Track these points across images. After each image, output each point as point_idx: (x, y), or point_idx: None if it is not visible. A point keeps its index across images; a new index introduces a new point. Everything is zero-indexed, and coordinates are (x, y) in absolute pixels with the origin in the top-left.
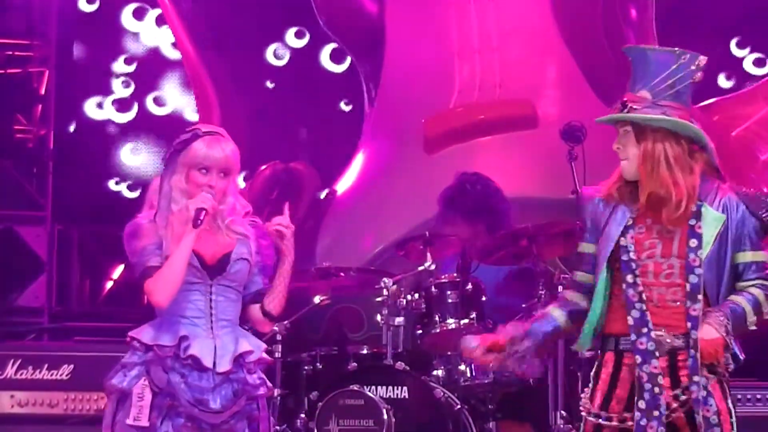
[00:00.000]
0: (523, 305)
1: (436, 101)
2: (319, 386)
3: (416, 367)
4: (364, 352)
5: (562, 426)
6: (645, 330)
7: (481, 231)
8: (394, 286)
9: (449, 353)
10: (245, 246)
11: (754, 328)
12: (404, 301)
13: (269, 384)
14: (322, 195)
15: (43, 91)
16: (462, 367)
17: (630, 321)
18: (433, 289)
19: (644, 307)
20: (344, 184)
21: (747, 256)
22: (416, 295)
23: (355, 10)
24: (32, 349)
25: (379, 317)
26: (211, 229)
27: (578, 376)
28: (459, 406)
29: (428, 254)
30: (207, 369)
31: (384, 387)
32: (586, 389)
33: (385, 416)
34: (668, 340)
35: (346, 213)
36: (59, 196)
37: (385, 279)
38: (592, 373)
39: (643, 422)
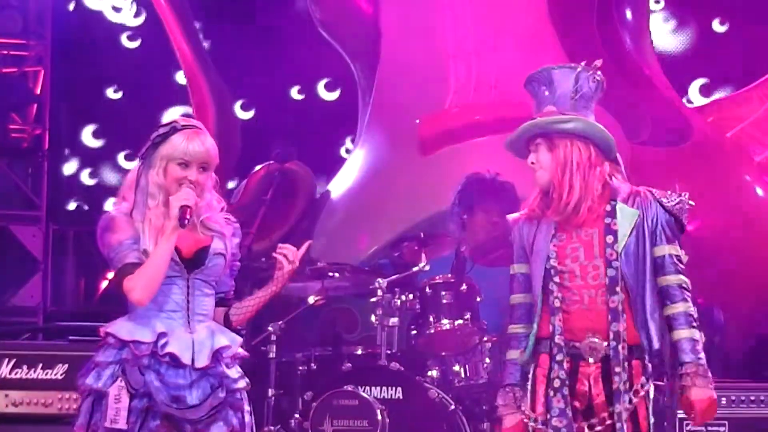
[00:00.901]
0: None
1: (431, 102)
2: (313, 386)
3: (411, 367)
4: (359, 352)
5: None
6: (554, 335)
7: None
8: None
9: (444, 354)
10: (221, 241)
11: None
12: (399, 301)
13: (247, 380)
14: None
15: (38, 91)
16: (456, 367)
17: (550, 328)
18: (427, 289)
19: (556, 312)
20: (339, 184)
21: (664, 249)
22: (411, 296)
23: (349, 9)
24: (27, 349)
25: (373, 318)
26: (188, 225)
27: None
28: (453, 407)
29: (423, 255)
30: (185, 366)
31: (378, 387)
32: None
33: (380, 417)
34: (602, 347)
35: (341, 213)
36: (54, 195)
37: (379, 279)
38: (530, 376)
39: (555, 422)
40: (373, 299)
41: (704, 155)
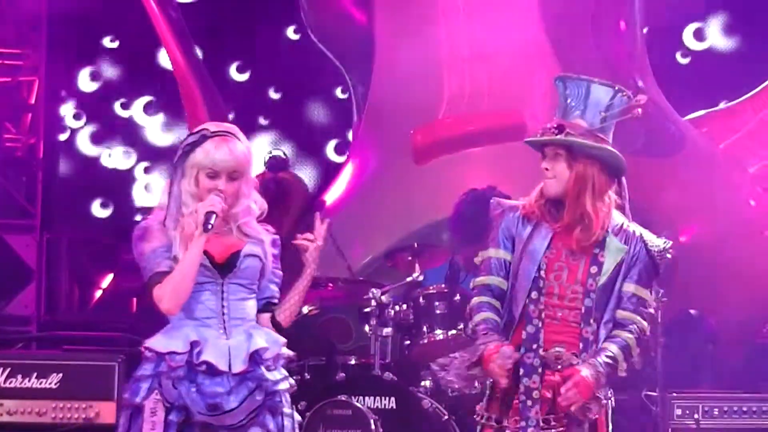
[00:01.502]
0: None
1: (425, 111)
2: (307, 396)
3: (404, 377)
4: (352, 362)
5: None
6: (535, 346)
7: None
8: (383, 297)
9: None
10: (258, 246)
11: (623, 374)
12: (392, 311)
13: (292, 381)
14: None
15: (32, 101)
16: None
17: (524, 335)
18: (421, 299)
19: (540, 324)
20: (333, 194)
21: (631, 288)
22: (404, 306)
23: (343, 18)
24: (21, 358)
25: (367, 328)
26: (222, 231)
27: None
28: (447, 417)
29: (416, 265)
30: (222, 373)
31: (372, 397)
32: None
33: (373, 427)
34: (565, 357)
35: (334, 223)
36: (48, 204)
37: (373, 290)
38: (489, 382)
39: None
40: (367, 309)
41: (698, 166)
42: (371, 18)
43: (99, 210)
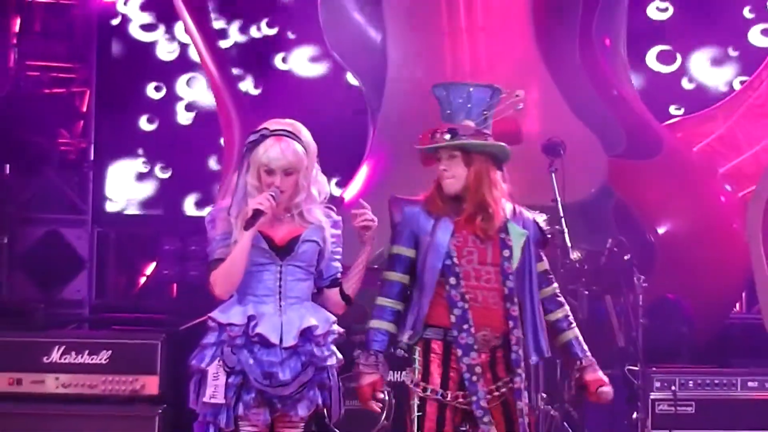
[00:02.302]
0: None
1: (431, 119)
2: None
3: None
4: None
5: (542, 406)
6: (466, 327)
7: None
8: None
9: None
10: (317, 232)
11: None
12: None
13: (339, 356)
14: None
15: (84, 109)
16: None
17: (452, 318)
18: None
19: (466, 306)
20: (351, 191)
21: (541, 267)
22: None
23: (360, 39)
24: (74, 337)
25: None
26: (285, 218)
27: (557, 363)
28: None
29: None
30: (273, 345)
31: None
32: (414, 372)
33: (387, 397)
34: (491, 339)
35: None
36: (98, 201)
37: None
38: (418, 358)
39: (483, 404)
40: None
41: (674, 167)
42: (384, 38)
43: (142, 209)
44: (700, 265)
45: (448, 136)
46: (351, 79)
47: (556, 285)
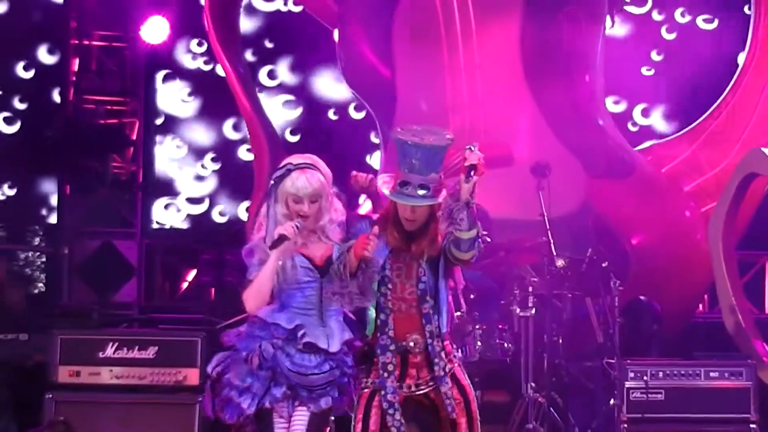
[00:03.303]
0: (502, 301)
1: None
2: None
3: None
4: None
5: (531, 394)
6: (387, 329)
7: None
8: None
9: None
10: (340, 248)
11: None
12: None
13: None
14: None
15: (134, 137)
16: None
17: (379, 322)
18: None
19: (389, 313)
20: (365, 207)
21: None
22: None
23: (372, 72)
24: (126, 335)
25: None
26: (317, 240)
27: (544, 357)
28: None
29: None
30: (318, 351)
31: None
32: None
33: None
34: (421, 342)
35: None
36: (146, 217)
37: None
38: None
39: (389, 398)
40: None
41: (646, 186)
42: (394, 72)
43: (181, 223)
44: (668, 271)
45: (422, 192)
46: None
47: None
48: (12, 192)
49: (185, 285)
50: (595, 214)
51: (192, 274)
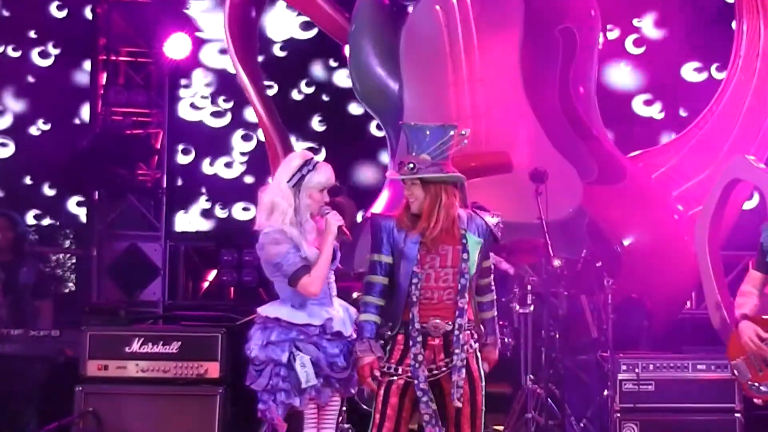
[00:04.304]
0: (503, 299)
1: None
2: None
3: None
4: (389, 333)
5: (530, 385)
6: (416, 323)
7: None
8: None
9: None
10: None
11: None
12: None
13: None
14: (359, 219)
15: (158, 146)
16: None
17: (410, 315)
18: None
19: (419, 306)
20: (375, 211)
21: (487, 262)
22: None
23: (381, 88)
24: (151, 331)
25: None
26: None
27: (542, 351)
28: None
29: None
30: (344, 338)
31: None
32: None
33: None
34: (443, 326)
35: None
36: (170, 221)
37: None
38: (388, 347)
39: (418, 385)
40: None
41: (636, 191)
42: (401, 85)
43: (205, 224)
44: (657, 271)
45: (410, 166)
46: None
47: (491, 278)
48: (53, 192)
49: (206, 284)
50: (589, 217)
51: (213, 274)
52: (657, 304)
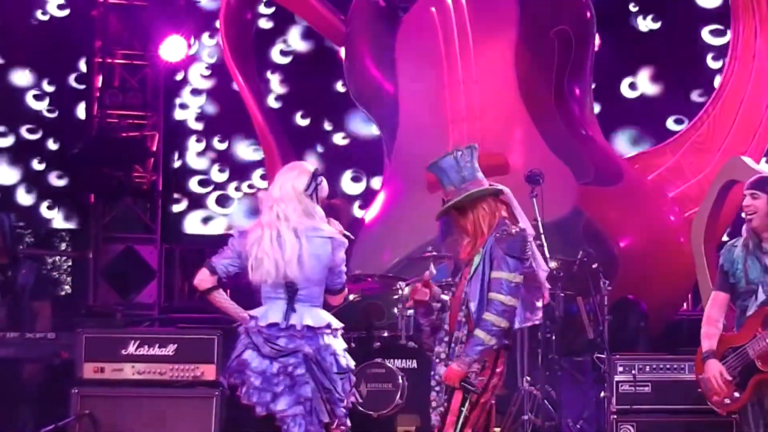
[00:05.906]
0: None
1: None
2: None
3: (422, 345)
4: (385, 335)
5: (527, 387)
6: (444, 325)
7: None
8: (407, 287)
9: None
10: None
11: (495, 345)
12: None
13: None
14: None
15: (154, 149)
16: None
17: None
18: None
19: (447, 311)
20: (371, 214)
21: (495, 274)
22: None
23: (376, 89)
24: (147, 333)
25: (395, 310)
26: None
27: (538, 352)
28: None
29: (431, 264)
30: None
31: (400, 360)
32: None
33: (401, 381)
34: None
35: (372, 235)
36: (166, 223)
37: (400, 282)
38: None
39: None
40: (395, 296)
41: (633, 192)
42: (397, 87)
43: (202, 227)
44: (654, 272)
45: (443, 203)
46: None
47: (498, 294)
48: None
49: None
50: (585, 218)
51: None
52: (653, 305)
